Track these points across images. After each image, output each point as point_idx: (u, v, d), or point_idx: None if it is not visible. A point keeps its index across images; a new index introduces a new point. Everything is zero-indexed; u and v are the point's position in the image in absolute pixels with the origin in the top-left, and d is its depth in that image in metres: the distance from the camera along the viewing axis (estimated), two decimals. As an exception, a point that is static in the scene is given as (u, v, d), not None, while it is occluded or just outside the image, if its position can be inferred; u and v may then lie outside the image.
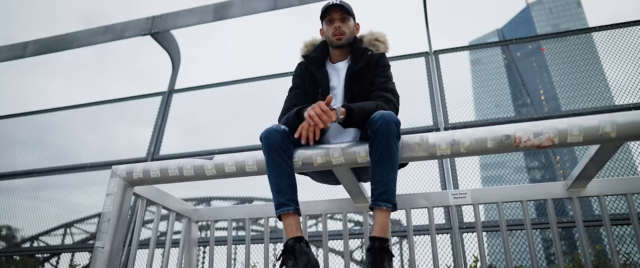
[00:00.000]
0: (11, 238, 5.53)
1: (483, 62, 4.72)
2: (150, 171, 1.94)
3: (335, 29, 1.93)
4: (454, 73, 4.22)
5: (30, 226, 5.01)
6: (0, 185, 5.22)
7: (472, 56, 4.59)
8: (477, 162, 3.99)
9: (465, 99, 4.16)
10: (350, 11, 1.97)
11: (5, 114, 5.58)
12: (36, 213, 5.03)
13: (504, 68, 4.62)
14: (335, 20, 1.94)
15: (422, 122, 3.99)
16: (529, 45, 4.46)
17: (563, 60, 4.17)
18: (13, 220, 5.36)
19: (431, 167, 3.77)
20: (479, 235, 2.11)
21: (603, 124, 1.49)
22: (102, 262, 1.84)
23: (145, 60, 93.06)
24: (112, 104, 5.19)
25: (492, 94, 4.36)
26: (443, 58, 4.31)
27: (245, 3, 4.56)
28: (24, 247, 4.91)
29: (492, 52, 4.49)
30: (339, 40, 1.93)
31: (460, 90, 4.17)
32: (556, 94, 4.70)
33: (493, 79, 4.49)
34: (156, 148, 4.52)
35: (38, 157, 5.41)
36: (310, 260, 1.54)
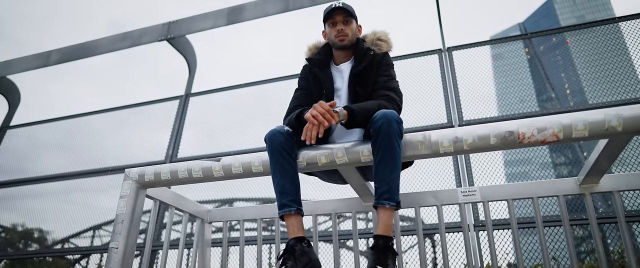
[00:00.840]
0: (43, 241, 5.74)
1: (505, 57, 4.64)
2: (161, 173, 1.99)
3: (338, 32, 1.94)
4: (474, 69, 4.16)
5: (61, 228, 5.18)
6: (32, 189, 5.41)
7: (494, 51, 4.52)
8: (500, 159, 3.93)
9: (487, 95, 4.08)
10: (352, 13, 1.98)
11: (35, 120, 5.78)
12: (66, 216, 5.19)
13: (527, 62, 4.54)
14: (338, 23, 1.96)
15: (437, 120, 3.96)
16: (552, 38, 4.37)
17: (589, 53, 4.06)
18: (45, 223, 5.57)
19: (446, 165, 3.74)
20: (489, 234, 2.09)
21: (609, 118, 1.46)
22: (117, 262, 1.90)
23: (168, 64, 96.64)
24: (134, 108, 5.32)
25: (516, 89, 4.28)
26: (459, 54, 4.26)
27: (258, 6, 4.62)
28: (55, 249, 5.07)
29: (515, 46, 4.41)
30: (342, 41, 1.94)
31: (481, 87, 4.10)
32: (582, 88, 4.59)
33: (516, 74, 4.39)
34: (174, 151, 4.61)
35: (67, 161, 5.60)
36: (311, 260, 1.55)
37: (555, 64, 4.88)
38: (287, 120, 1.87)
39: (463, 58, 4.26)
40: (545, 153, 5.73)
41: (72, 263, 5.17)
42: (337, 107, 1.68)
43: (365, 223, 3.88)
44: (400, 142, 1.61)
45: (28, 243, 6.01)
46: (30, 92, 6.43)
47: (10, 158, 5.81)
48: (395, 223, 2.18)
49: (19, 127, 5.78)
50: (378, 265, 1.46)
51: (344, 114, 1.67)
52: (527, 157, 3.94)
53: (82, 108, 7.88)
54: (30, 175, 5.36)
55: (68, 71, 9.15)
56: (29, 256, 5.16)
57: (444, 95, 4.01)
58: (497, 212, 3.36)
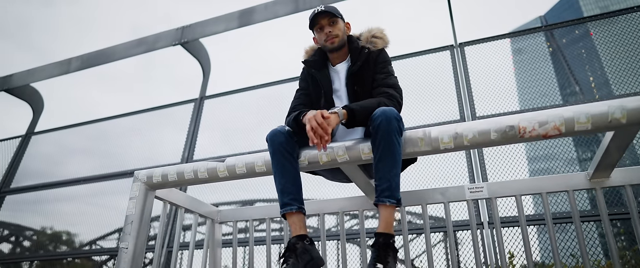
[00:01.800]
0: (70, 243, 5.93)
1: (526, 51, 4.54)
2: (168, 175, 2.03)
3: (327, 35, 1.94)
4: (493, 64, 4.08)
5: (88, 231, 5.33)
6: (60, 193, 5.57)
7: (514, 46, 4.44)
8: (523, 154, 3.85)
9: (507, 91, 3.99)
10: (336, 14, 1.97)
11: (62, 125, 5.94)
12: (93, 218, 5.33)
13: (549, 56, 4.44)
14: (325, 26, 1.96)
15: (450, 117, 3.92)
16: (575, 30, 4.26)
17: (614, 44, 3.94)
18: (72, 225, 5.75)
19: (459, 161, 3.69)
20: (498, 231, 2.06)
21: (612, 110, 1.42)
22: (127, 262, 1.95)
23: (188, 66, 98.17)
24: (154, 111, 5.42)
25: (538, 84, 4.18)
26: (476, 50, 4.20)
27: (268, 8, 4.65)
28: (83, 250, 5.21)
29: (536, 40, 4.31)
30: (333, 43, 1.94)
31: (502, 82, 4.01)
32: (607, 80, 4.47)
33: (538, 68, 4.28)
34: (190, 154, 4.69)
35: (92, 164, 5.76)
36: (313, 258, 1.56)
37: (578, 56, 4.76)
38: (287, 121, 1.89)
39: (480, 53, 4.19)
40: (570, 148, 5.60)
41: (100, 264, 5.31)
42: (337, 107, 1.69)
43: (377, 222, 3.87)
44: (400, 140, 1.61)
45: (57, 245, 6.22)
46: (54, 98, 6.63)
47: (40, 163, 6.02)
48: (403, 220, 2.18)
49: (43, 133, 5.97)
50: (378, 263, 1.46)
51: (344, 113, 1.68)
52: (551, 152, 3.84)
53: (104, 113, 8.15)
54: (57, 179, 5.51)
55: (89, 77, 9.40)
56: (58, 257, 5.34)
57: (456, 91, 3.96)
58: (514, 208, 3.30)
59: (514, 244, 3.28)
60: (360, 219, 2.31)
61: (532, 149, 4.28)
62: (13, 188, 5.63)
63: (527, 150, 4.01)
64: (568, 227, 3.21)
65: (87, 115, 23.01)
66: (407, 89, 4.31)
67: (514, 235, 3.26)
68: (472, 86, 3.98)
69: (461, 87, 3.94)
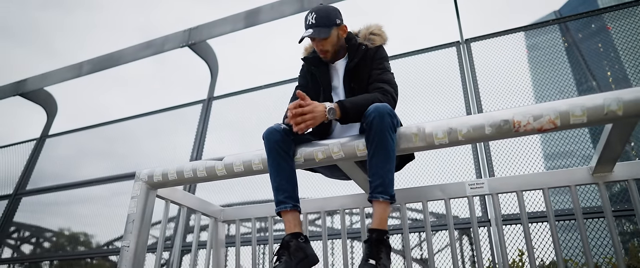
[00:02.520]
0: (87, 243, 6.05)
1: (541, 47, 4.47)
2: (168, 174, 2.06)
3: (319, 50, 1.93)
4: (503, 60, 4.02)
5: (104, 232, 5.42)
6: (77, 194, 5.67)
7: (529, 41, 4.37)
8: (540, 152, 3.79)
9: (518, 87, 3.92)
10: (325, 34, 1.88)
11: (75, 128, 6.05)
12: (109, 219, 5.42)
13: (564, 52, 4.36)
14: (314, 41, 1.92)
15: (458, 114, 3.88)
16: (592, 24, 4.18)
17: (633, 38, 3.85)
18: (89, 226, 5.86)
19: (466, 156, 3.65)
20: (499, 228, 2.03)
21: (608, 103, 1.40)
22: (128, 260, 1.98)
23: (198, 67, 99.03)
24: (164, 112, 5.48)
25: (553, 80, 4.10)
26: (484, 47, 4.15)
27: (275, 8, 4.67)
28: (102, 250, 5.30)
29: (551, 36, 4.23)
30: (325, 57, 1.93)
31: (516, 79, 3.94)
32: (626, 75, 4.37)
33: (553, 64, 4.19)
34: (198, 155, 4.73)
35: (107, 166, 5.86)
36: (308, 256, 1.57)
37: (595, 51, 4.66)
38: (284, 118, 1.89)
39: (490, 49, 4.14)
40: (588, 145, 5.51)
41: (116, 264, 5.40)
42: (330, 104, 1.69)
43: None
44: (393, 136, 1.60)
45: (74, 246, 6.35)
46: (68, 101, 6.76)
47: (57, 165, 6.14)
48: (403, 218, 2.17)
49: (57, 136, 6.09)
50: (370, 259, 1.46)
51: (336, 109, 1.68)
52: (569, 149, 3.77)
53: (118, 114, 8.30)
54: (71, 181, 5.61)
55: (102, 79, 9.55)
56: (76, 257, 5.44)
57: (463, 88, 3.92)
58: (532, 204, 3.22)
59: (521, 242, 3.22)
60: (361, 216, 2.30)
61: (548, 146, 4.21)
62: (28, 191, 5.75)
63: (543, 148, 3.95)
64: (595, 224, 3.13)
65: (100, 117, 23.21)
66: (413, 87, 4.29)
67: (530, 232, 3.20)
68: (479, 83, 3.94)
69: (467, 84, 3.90)
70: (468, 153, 3.67)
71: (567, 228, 3.12)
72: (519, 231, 3.18)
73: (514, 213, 3.21)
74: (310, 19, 1.90)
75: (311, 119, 1.66)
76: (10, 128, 10.11)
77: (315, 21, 1.89)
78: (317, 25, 1.88)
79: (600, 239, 3.02)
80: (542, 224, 3.14)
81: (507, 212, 3.24)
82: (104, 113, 65.35)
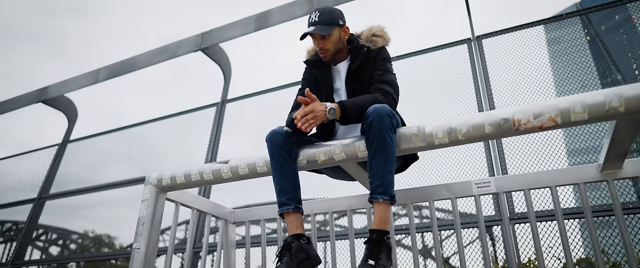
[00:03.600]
0: (111, 245, 6.21)
1: (562, 41, 4.38)
2: (176, 177, 2.10)
3: (320, 49, 1.93)
4: (518, 56, 3.96)
5: (127, 234, 5.55)
6: (101, 197, 5.81)
7: (549, 36, 4.30)
8: (563, 148, 3.72)
9: (538, 83, 3.84)
10: (326, 32, 1.89)
11: (95, 133, 6.20)
12: (131, 222, 5.53)
13: (587, 45, 4.26)
14: (315, 40, 1.93)
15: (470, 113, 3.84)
16: (616, 15, 4.08)
17: None
18: (113, 228, 6.01)
19: (478, 154, 3.61)
20: (506, 227, 2.02)
21: (609, 99, 1.37)
22: (139, 262, 2.03)
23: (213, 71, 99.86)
24: (180, 116, 5.57)
25: (576, 74, 4.00)
26: (497, 43, 4.09)
27: (284, 10, 4.70)
28: (126, 251, 5.42)
29: (572, 29, 4.14)
30: (325, 56, 1.94)
31: (535, 74, 3.86)
32: None
33: (576, 58, 4.08)
34: (212, 157, 4.80)
35: (130, 168, 6.00)
36: (310, 257, 1.58)
37: (620, 43, 4.54)
38: (286, 120, 1.92)
39: (504, 46, 4.08)
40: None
41: None
42: (330, 104, 1.70)
43: (401, 220, 3.85)
44: (393, 136, 1.60)
45: (98, 247, 6.53)
46: (89, 106, 6.93)
47: (82, 169, 6.31)
48: (410, 218, 2.16)
49: (77, 140, 6.26)
50: (369, 259, 1.47)
51: (337, 110, 1.69)
52: (593, 145, 3.68)
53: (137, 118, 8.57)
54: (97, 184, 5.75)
55: (120, 84, 9.76)
56: (101, 258, 5.60)
57: (475, 86, 3.88)
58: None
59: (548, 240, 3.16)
60: (368, 217, 2.31)
61: (571, 142, 4.13)
62: (52, 194, 5.93)
63: (566, 143, 3.87)
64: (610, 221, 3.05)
65: (120, 121, 23.91)
66: (425, 86, 4.25)
67: (547, 231, 3.14)
68: (493, 80, 3.89)
69: (479, 82, 3.85)
70: (481, 151, 3.62)
71: (603, 224, 3.04)
72: (542, 229, 3.11)
73: (538, 210, 3.14)
74: (313, 17, 1.93)
75: (312, 118, 1.67)
76: (35, 134, 10.42)
77: (318, 19, 1.91)
78: (319, 23, 1.91)
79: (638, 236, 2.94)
80: (567, 221, 3.07)
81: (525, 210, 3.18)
82: (124, 117, 66.16)
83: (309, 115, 1.66)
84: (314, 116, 1.67)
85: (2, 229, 6.68)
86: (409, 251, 3.86)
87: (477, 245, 3.53)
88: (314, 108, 1.68)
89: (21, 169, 6.64)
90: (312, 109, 1.68)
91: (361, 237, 3.31)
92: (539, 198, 3.20)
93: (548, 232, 3.14)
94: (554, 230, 3.10)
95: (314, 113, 1.66)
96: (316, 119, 1.67)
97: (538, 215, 3.10)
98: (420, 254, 3.90)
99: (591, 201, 3.05)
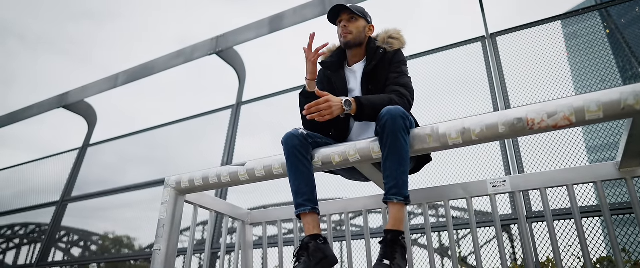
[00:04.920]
0: (131, 246, 6.35)
1: (580, 36, 4.31)
2: (194, 180, 2.15)
3: (343, 28, 1.99)
4: (534, 53, 3.91)
5: (146, 235, 5.66)
6: (121, 199, 5.93)
7: (567, 30, 4.24)
8: (582, 144, 3.67)
9: (555, 79, 3.79)
10: (357, 12, 2.01)
11: (114, 137, 6.33)
12: (151, 223, 5.64)
13: (606, 39, 4.19)
14: (343, 20, 2.02)
15: (486, 111, 3.82)
16: (636, 8, 4.02)
17: None
18: (133, 230, 6.14)
19: (495, 153, 3.58)
20: (522, 226, 2.01)
21: (625, 97, 1.36)
22: (160, 262, 2.08)
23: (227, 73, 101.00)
24: (198, 118, 5.64)
25: (595, 69, 3.94)
26: (512, 40, 4.06)
27: (297, 12, 4.74)
28: (145, 252, 5.53)
29: (591, 23, 4.08)
30: (346, 38, 1.98)
31: (545, 71, 3.82)
32: None
33: (594, 52, 4.01)
34: (229, 158, 4.86)
35: (149, 171, 6.11)
36: (327, 257, 1.61)
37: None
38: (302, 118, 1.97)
39: (520, 43, 4.04)
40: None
41: None
42: (346, 98, 1.73)
43: (417, 219, 3.85)
44: (406, 138, 1.62)
45: (118, 249, 6.68)
46: (107, 111, 7.08)
47: (103, 171, 6.46)
48: (426, 218, 2.17)
49: (97, 144, 6.40)
50: (384, 259, 1.49)
51: (353, 104, 1.71)
52: (613, 141, 3.62)
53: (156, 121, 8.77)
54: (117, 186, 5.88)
55: (140, 88, 9.93)
56: (121, 259, 5.72)
57: (490, 84, 3.85)
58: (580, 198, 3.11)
59: (567, 238, 3.12)
60: (383, 217, 2.32)
61: (591, 138, 4.07)
62: (74, 197, 6.08)
63: (585, 139, 3.82)
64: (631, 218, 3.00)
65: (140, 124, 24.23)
66: (440, 85, 4.23)
67: (567, 229, 3.10)
68: (509, 78, 3.86)
69: (494, 80, 3.83)
70: (497, 150, 3.60)
71: (625, 222, 3.00)
72: (561, 227, 3.07)
73: (558, 208, 3.11)
74: (343, 2, 2.05)
75: (327, 109, 1.70)
76: (58, 138, 10.67)
77: (349, 5, 2.03)
78: (348, 6, 2.02)
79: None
80: (588, 220, 3.03)
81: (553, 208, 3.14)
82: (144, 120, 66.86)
83: (324, 105, 1.68)
84: (329, 106, 1.69)
85: (26, 231, 6.87)
86: (426, 250, 3.86)
87: (495, 244, 3.51)
88: (330, 99, 1.71)
89: (45, 173, 6.82)
90: (328, 99, 1.71)
91: (377, 237, 3.32)
92: (557, 196, 3.17)
93: (568, 231, 3.11)
94: (573, 228, 3.07)
95: (329, 103, 1.68)
96: (332, 110, 1.69)
97: (557, 213, 3.07)
98: (438, 253, 3.90)
99: (612, 198, 3.01)
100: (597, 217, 2.92)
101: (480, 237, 3.41)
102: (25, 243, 6.75)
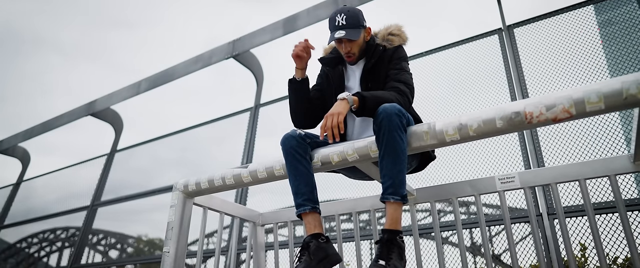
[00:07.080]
0: (162, 248, 6.51)
1: (616, 23, 4.13)
2: (201, 183, 2.18)
3: (344, 51, 1.93)
4: (555, 44, 3.77)
5: None
6: (151, 201, 6.09)
7: (600, 18, 4.08)
8: (621, 137, 3.51)
9: (596, 67, 3.62)
10: (356, 36, 1.88)
11: (142, 141, 6.51)
12: None
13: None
14: (343, 42, 1.92)
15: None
16: None
17: None
18: (164, 231, 6.28)
19: (514, 146, 3.47)
20: (533, 223, 1.94)
21: (627, 86, 1.30)
22: (169, 265, 2.13)
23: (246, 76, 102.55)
24: (218, 121, 5.72)
25: (632, 57, 3.75)
26: (529, 31, 3.93)
27: (311, 13, 4.74)
28: None
29: (628, 8, 3.88)
30: (350, 59, 1.94)
31: (588, 59, 3.66)
32: None
33: (631, 39, 3.80)
34: (248, 159, 4.91)
35: (181, 173, 6.26)
36: (329, 255, 1.60)
37: None
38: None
39: (540, 33, 3.90)
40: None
41: (191, 267, 5.79)
42: (346, 94, 1.70)
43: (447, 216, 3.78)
44: (403, 136, 1.59)
45: (152, 250, 6.88)
46: (133, 117, 7.29)
47: (136, 175, 6.67)
48: (433, 215, 2.13)
49: (124, 150, 6.60)
50: (380, 259, 1.47)
51: (354, 100, 1.69)
52: None
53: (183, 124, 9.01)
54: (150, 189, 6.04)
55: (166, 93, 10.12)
56: (154, 260, 5.89)
57: (507, 77, 3.74)
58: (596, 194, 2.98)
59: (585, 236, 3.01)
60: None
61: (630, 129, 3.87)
62: (103, 201, 6.28)
63: (624, 131, 3.65)
64: None
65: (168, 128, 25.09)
66: (458, 79, 4.13)
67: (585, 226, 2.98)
68: (527, 71, 3.73)
69: (512, 73, 3.72)
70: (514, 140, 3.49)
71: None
72: (582, 224, 2.96)
73: (575, 204, 2.99)
74: (339, 20, 1.88)
75: (337, 115, 1.65)
76: (89, 145, 11.04)
77: (346, 23, 1.87)
78: (347, 26, 1.87)
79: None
80: (607, 216, 2.90)
81: (570, 203, 3.03)
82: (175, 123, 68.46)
83: (329, 120, 1.65)
84: (338, 112, 1.66)
85: (67, 235, 7.15)
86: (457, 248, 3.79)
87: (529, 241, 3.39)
88: (332, 111, 1.67)
89: (81, 177, 7.07)
90: (327, 115, 1.67)
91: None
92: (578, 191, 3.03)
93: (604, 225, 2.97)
94: (602, 223, 2.94)
95: (330, 114, 1.65)
96: (340, 113, 1.65)
97: (574, 209, 2.95)
98: (469, 251, 3.80)
99: (629, 194, 2.87)
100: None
101: (503, 234, 3.32)
102: (66, 246, 7.02)
